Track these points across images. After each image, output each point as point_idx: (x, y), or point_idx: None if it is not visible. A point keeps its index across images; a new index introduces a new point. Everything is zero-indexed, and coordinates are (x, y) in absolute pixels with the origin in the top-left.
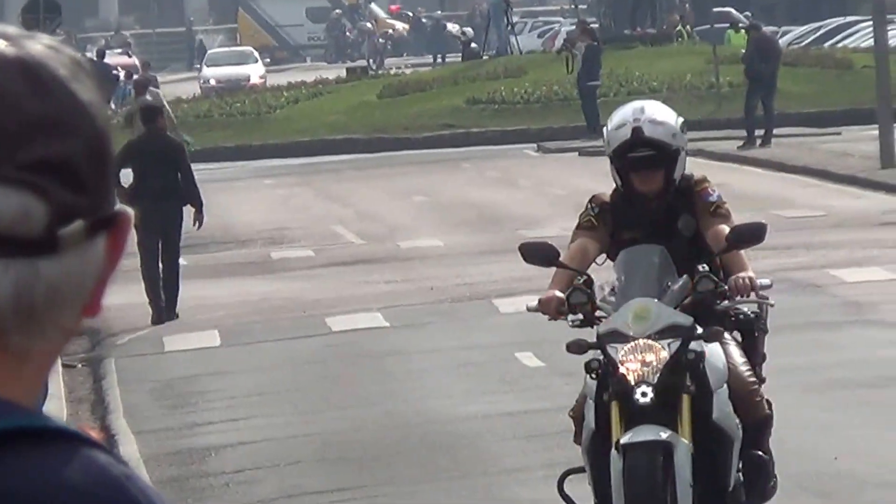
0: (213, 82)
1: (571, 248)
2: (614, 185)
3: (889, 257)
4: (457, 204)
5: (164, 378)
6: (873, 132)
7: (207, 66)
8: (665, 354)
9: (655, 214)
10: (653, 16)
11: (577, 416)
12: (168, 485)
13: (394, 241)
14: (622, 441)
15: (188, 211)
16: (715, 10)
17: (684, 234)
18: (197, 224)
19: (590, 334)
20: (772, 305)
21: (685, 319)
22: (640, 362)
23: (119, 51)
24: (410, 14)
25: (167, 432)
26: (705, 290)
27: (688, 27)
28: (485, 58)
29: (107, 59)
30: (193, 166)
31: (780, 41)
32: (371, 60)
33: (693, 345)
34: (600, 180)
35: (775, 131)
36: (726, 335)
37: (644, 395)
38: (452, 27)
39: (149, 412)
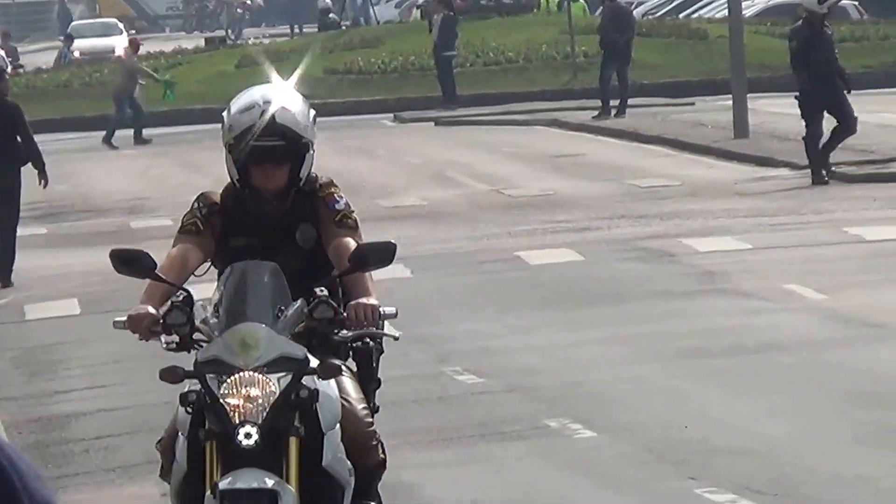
0: (77, 54)
1: (170, 255)
2: (227, 186)
3: (741, 227)
4: (316, 172)
5: (25, 346)
6: (727, 103)
7: (74, 38)
8: (274, 390)
9: (273, 219)
10: None
11: (166, 449)
12: (29, 451)
13: None
14: (221, 486)
15: (32, 175)
16: None
17: (302, 245)
18: (43, 183)
19: (188, 360)
20: (396, 339)
21: (298, 351)
22: (244, 398)
23: None
24: None
25: (28, 399)
26: (323, 318)
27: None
28: (343, 28)
29: None
30: (55, 136)
31: (635, 11)
32: (229, 31)
33: (306, 380)
34: (456, 150)
35: (630, 101)
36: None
37: (248, 435)
38: None
39: (10, 380)
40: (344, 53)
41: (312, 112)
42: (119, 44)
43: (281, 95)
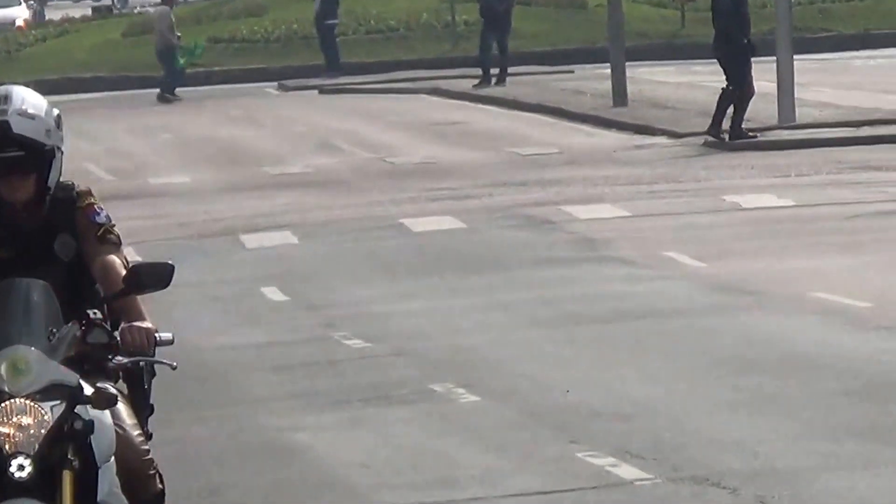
0: None
1: None
2: None
3: (620, 194)
4: (202, 141)
5: None
6: (606, 71)
7: None
8: (48, 419)
9: (29, 230)
10: None
11: None
12: None
13: (143, 177)
14: None
15: None
16: None
17: (62, 257)
18: None
19: None
20: (174, 368)
21: (71, 377)
22: (15, 426)
23: None
24: None
25: None
26: (97, 343)
27: None
28: None
29: None
30: None
31: None
32: (114, 0)
33: (79, 409)
34: (339, 118)
35: (510, 70)
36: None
37: (21, 467)
38: None
39: None
40: (228, 22)
41: (56, 112)
42: (19, 14)
43: (16, 99)
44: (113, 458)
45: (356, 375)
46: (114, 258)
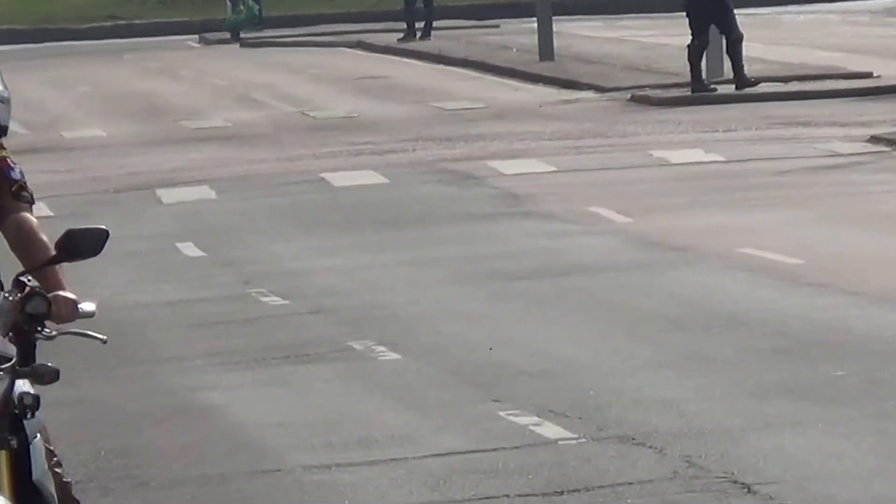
0: None
1: None
2: None
3: (546, 149)
4: (120, 95)
5: None
6: (532, 25)
7: None
8: None
9: None
10: None
11: None
12: None
13: (57, 131)
14: None
15: None
16: None
17: None
18: None
19: None
20: (104, 342)
21: (11, 349)
22: None
23: None
24: None
25: None
26: (36, 313)
27: None
28: None
29: None
30: None
31: None
32: None
33: (22, 385)
34: (260, 71)
35: (436, 24)
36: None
37: None
38: None
39: None
40: None
41: None
42: None
43: None
44: (40, 436)
45: (273, 333)
46: (31, 218)
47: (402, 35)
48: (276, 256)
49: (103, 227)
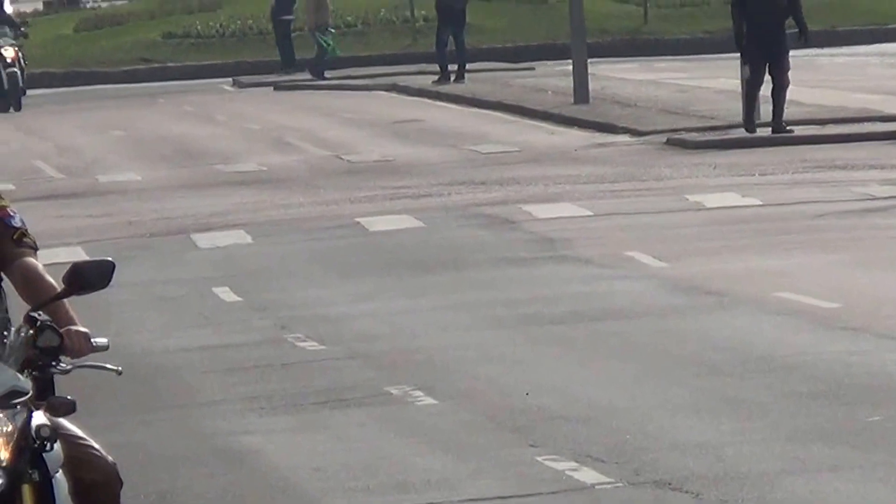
0: None
1: None
2: None
3: (582, 193)
4: (154, 138)
5: None
6: (567, 68)
7: None
8: (10, 429)
9: None
10: None
11: None
12: None
13: (93, 175)
14: None
15: None
16: None
17: None
18: None
19: None
20: (119, 373)
21: (26, 384)
22: None
23: None
24: None
25: None
26: (49, 347)
27: None
28: None
29: None
30: None
31: None
32: None
33: (38, 418)
34: (294, 115)
35: (470, 66)
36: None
37: None
38: None
39: None
40: (182, 17)
41: None
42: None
43: None
44: (61, 471)
45: (310, 378)
46: (35, 261)
47: (436, 78)
48: (312, 301)
49: (109, 258)
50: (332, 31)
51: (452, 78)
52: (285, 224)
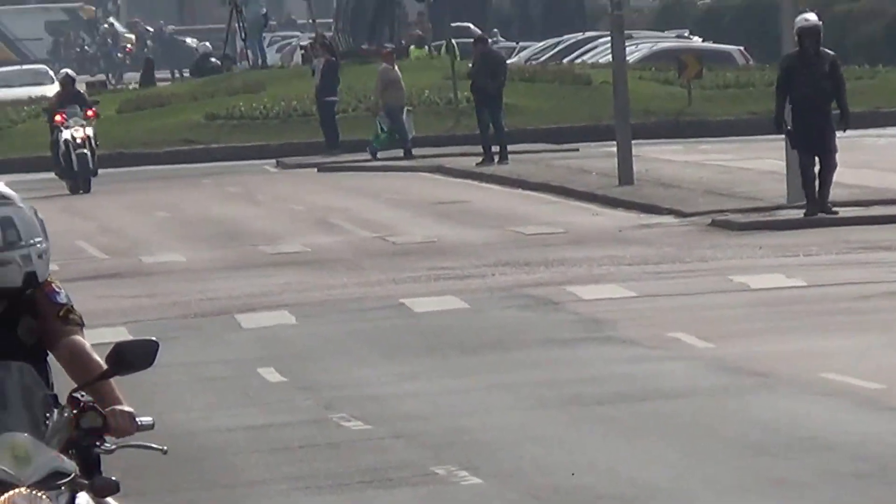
0: None
1: None
2: None
3: (626, 274)
4: (198, 219)
5: None
6: (611, 149)
7: None
8: None
9: None
10: (391, 31)
11: None
12: None
13: (137, 255)
14: None
15: None
16: (453, 24)
17: (25, 340)
18: None
19: None
20: (164, 452)
21: (69, 465)
22: None
23: None
24: (150, 29)
25: None
26: (91, 428)
27: (424, 46)
28: (230, 71)
29: None
30: None
31: (519, 56)
32: (110, 75)
33: (82, 499)
34: (339, 196)
35: (514, 148)
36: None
37: None
38: (191, 42)
39: None
40: (225, 99)
41: (40, 216)
42: (51, 92)
43: (34, 230)
44: None
45: (355, 458)
46: (82, 340)
47: (480, 160)
48: (356, 381)
49: (153, 339)
50: (410, 109)
51: (496, 159)
52: (329, 304)
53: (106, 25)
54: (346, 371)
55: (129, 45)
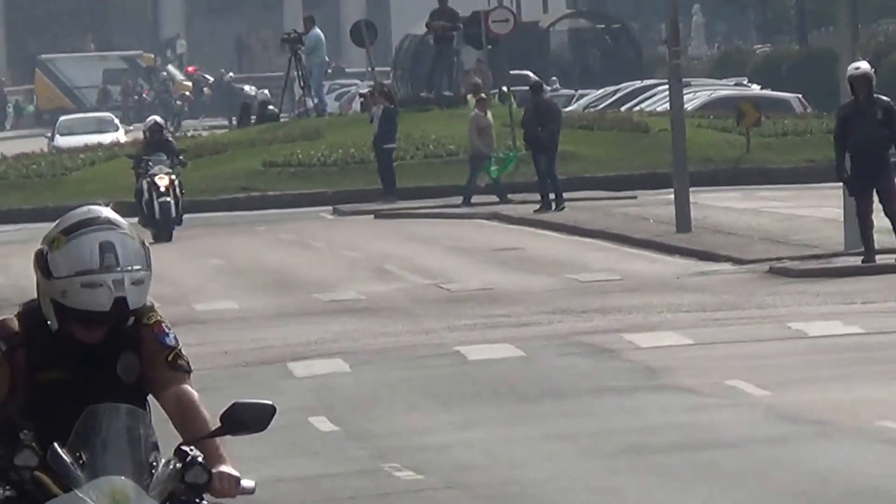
0: None
1: None
2: (29, 305)
3: (683, 322)
4: (252, 267)
5: None
6: (669, 196)
7: (61, 135)
8: None
9: (88, 347)
10: (450, 79)
11: None
12: None
13: (189, 303)
14: None
15: None
16: (512, 72)
17: (125, 379)
18: None
19: None
20: None
21: None
22: None
23: None
24: (208, 77)
25: None
26: (196, 483)
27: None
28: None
29: None
30: None
31: (577, 104)
32: (168, 122)
33: None
34: (395, 243)
35: (572, 195)
36: None
37: None
38: (250, 89)
39: None
40: (283, 146)
41: (146, 245)
42: (119, 140)
43: (123, 258)
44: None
45: None
46: (191, 391)
47: (538, 207)
48: (410, 430)
49: (270, 402)
50: (492, 156)
51: (553, 206)
52: (384, 352)
53: (164, 73)
54: (399, 420)
55: (186, 93)
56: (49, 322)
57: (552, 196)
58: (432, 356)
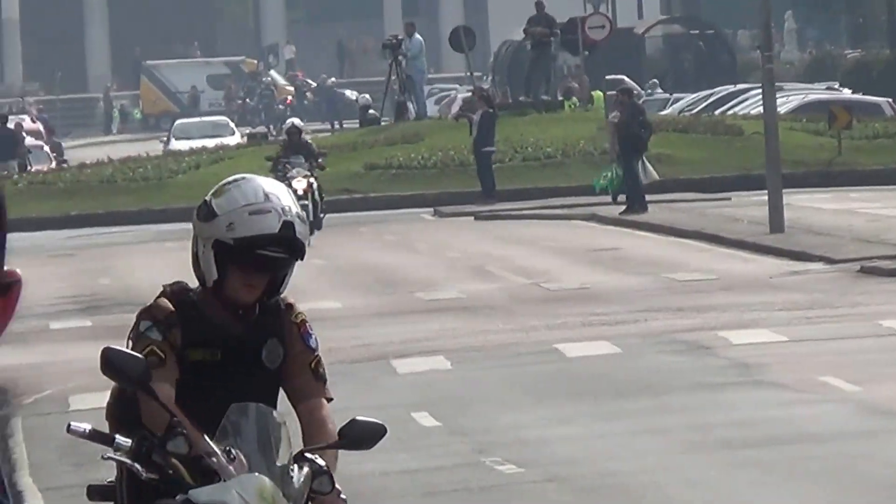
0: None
1: (160, 389)
2: (174, 286)
3: (776, 319)
4: (355, 267)
5: (70, 437)
6: (762, 198)
7: (176, 139)
8: None
9: (237, 331)
10: (547, 83)
11: None
12: None
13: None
14: None
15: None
16: (608, 77)
17: (268, 365)
18: None
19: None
20: None
21: None
22: None
23: (24, 116)
24: (310, 82)
25: (72, 489)
26: (319, 493)
27: (574, 99)
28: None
29: (10, 125)
30: (98, 230)
31: (672, 108)
32: (271, 126)
33: None
34: (495, 244)
35: (666, 196)
36: None
37: None
38: (351, 94)
39: (54, 470)
40: (384, 149)
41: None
42: (233, 143)
43: (288, 199)
44: None
45: (509, 501)
46: (327, 407)
47: (624, 208)
48: (510, 425)
49: (382, 423)
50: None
51: (647, 208)
52: (484, 350)
53: (267, 78)
54: (499, 415)
55: (289, 98)
56: (206, 279)
57: (649, 196)
58: (531, 353)
